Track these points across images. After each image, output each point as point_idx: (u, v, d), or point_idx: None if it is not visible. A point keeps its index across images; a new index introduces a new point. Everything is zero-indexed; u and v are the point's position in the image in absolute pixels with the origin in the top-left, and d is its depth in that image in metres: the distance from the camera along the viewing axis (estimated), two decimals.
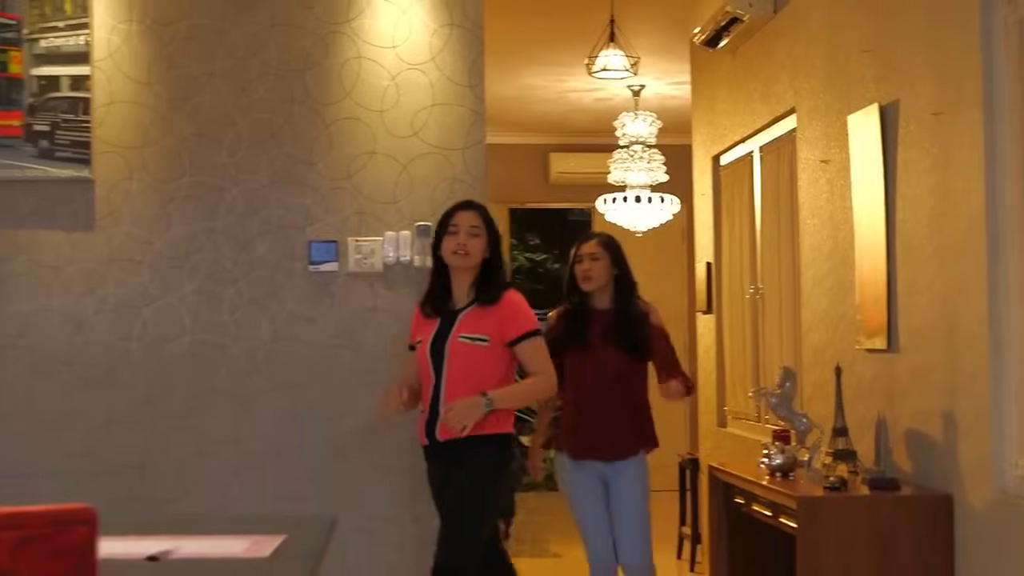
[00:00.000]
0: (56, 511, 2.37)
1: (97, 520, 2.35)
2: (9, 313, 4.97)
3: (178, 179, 5.04)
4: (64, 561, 2.33)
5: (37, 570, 2.30)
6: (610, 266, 4.92)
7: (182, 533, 3.17)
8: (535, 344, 4.38)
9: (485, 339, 4.30)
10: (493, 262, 4.39)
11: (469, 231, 4.35)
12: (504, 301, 4.34)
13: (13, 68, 4.93)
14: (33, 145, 4.94)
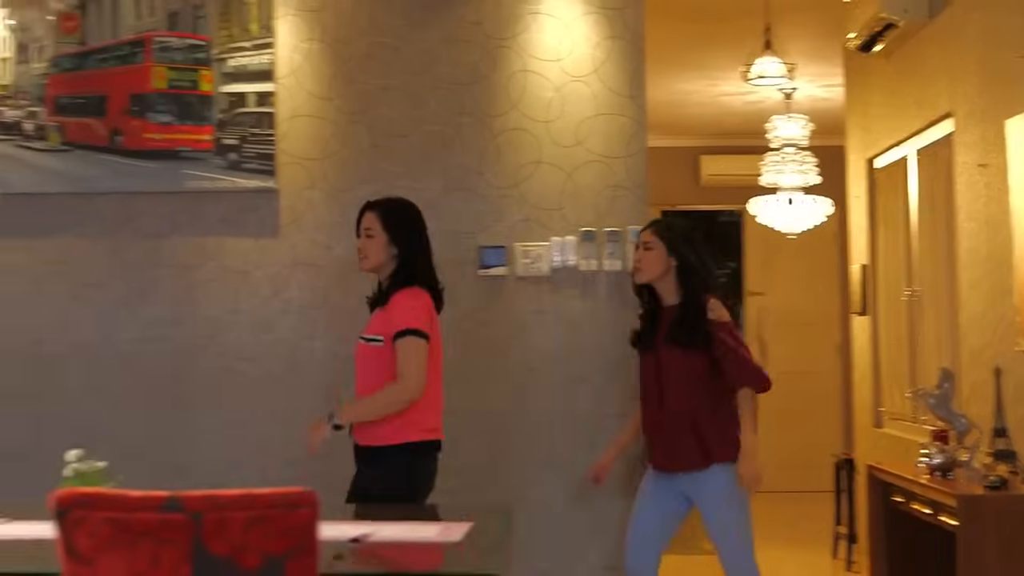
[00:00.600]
0: (282, 493, 2.63)
1: (317, 502, 2.61)
2: (201, 316, 5.32)
3: (356, 188, 5.33)
4: (289, 539, 2.59)
5: (266, 547, 2.57)
6: (666, 255, 4.52)
7: (375, 519, 3.42)
8: (406, 344, 4.12)
9: (379, 339, 4.23)
10: (403, 260, 4.27)
11: (365, 233, 4.32)
12: (393, 299, 4.22)
13: (204, 86, 5.27)
14: (222, 158, 5.27)
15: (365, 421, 4.15)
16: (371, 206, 4.35)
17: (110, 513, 2.58)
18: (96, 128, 5.28)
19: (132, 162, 5.27)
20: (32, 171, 5.29)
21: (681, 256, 4.51)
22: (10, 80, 5.29)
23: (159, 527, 2.56)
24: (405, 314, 4.17)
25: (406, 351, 4.12)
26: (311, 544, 2.61)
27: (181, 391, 5.30)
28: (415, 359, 4.11)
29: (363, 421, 4.15)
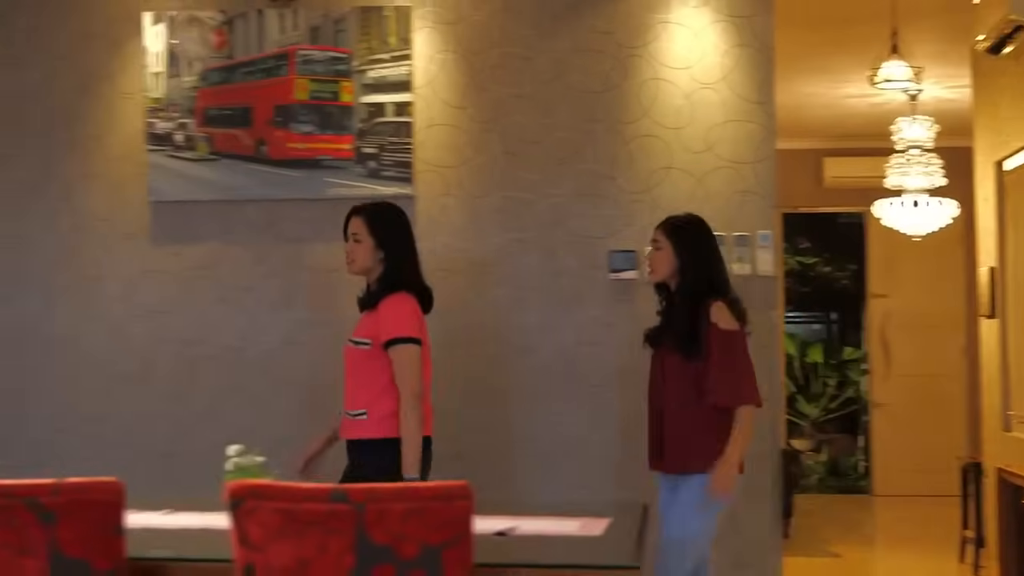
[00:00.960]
0: (439, 487, 2.79)
1: (473, 495, 2.76)
2: (340, 319, 5.49)
3: (490, 194, 5.49)
4: (446, 530, 2.74)
5: (424, 537, 2.73)
6: (673, 255, 4.48)
7: (516, 514, 3.55)
8: (400, 352, 4.25)
9: (367, 343, 4.32)
10: (390, 263, 4.37)
11: (352, 238, 4.41)
12: (382, 304, 4.31)
13: (344, 97, 5.47)
14: (362, 166, 5.47)
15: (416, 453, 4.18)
16: (357, 211, 4.45)
17: (280, 504, 2.76)
18: (242, 138, 5.51)
19: (276, 171, 5.49)
20: (182, 180, 5.54)
21: (687, 256, 4.47)
22: (162, 93, 5.55)
23: (325, 517, 2.73)
24: (395, 321, 4.28)
25: (401, 360, 4.25)
26: (467, 535, 2.77)
27: (321, 392, 5.50)
28: (410, 366, 4.24)
29: (416, 453, 4.17)
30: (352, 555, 2.74)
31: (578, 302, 5.46)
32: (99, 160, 5.62)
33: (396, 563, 2.73)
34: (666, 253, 4.49)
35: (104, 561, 2.83)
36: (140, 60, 5.56)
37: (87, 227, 5.61)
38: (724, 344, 4.35)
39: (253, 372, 5.54)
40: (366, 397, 4.32)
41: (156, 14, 5.55)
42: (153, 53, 5.54)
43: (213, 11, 5.53)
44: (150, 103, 5.55)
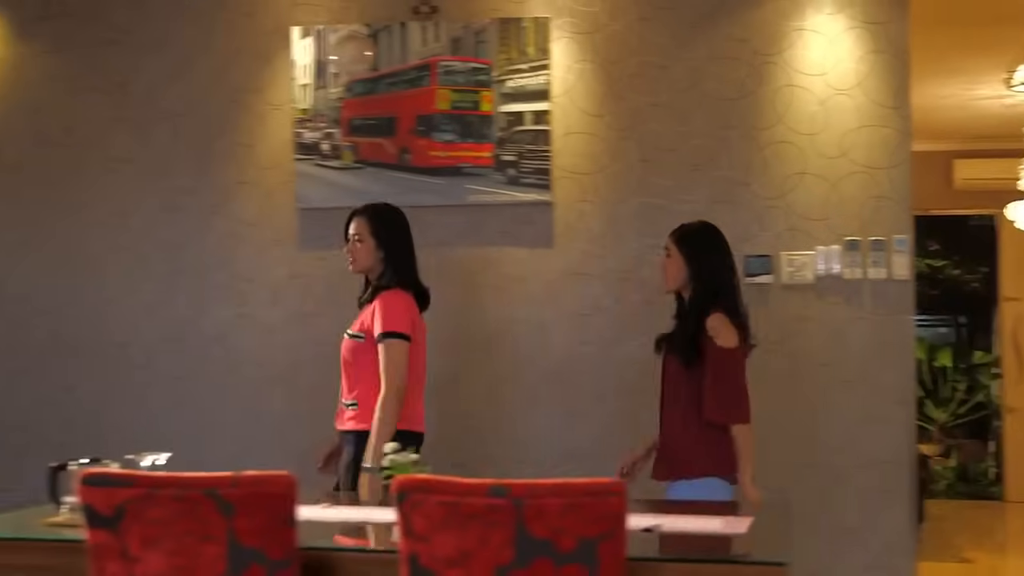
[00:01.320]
0: (596, 483, 2.92)
1: (626, 492, 2.89)
2: (482, 321, 5.69)
3: (626, 200, 5.61)
4: (602, 524, 2.87)
5: (581, 531, 2.86)
6: (683, 264, 4.51)
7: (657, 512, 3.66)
8: (389, 347, 4.42)
9: (361, 336, 4.54)
10: (389, 262, 4.58)
11: (354, 239, 4.63)
12: (378, 299, 4.53)
13: (484, 107, 5.63)
14: (502, 173, 5.62)
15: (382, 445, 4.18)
16: (359, 212, 4.67)
17: (443, 497, 2.91)
18: (386, 147, 5.71)
19: (419, 178, 5.67)
20: (328, 188, 5.75)
21: (696, 265, 4.49)
22: (309, 104, 5.77)
23: (486, 511, 2.88)
24: (389, 316, 4.46)
25: (388, 354, 4.43)
26: (621, 529, 2.89)
27: (466, 391, 5.67)
28: (396, 361, 4.42)
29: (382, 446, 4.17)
30: (512, 548, 2.88)
31: None
32: (250, 168, 5.86)
33: (554, 556, 2.86)
34: (676, 261, 4.54)
35: (277, 550, 3.01)
36: (288, 73, 5.79)
37: (239, 233, 5.85)
38: (720, 361, 4.38)
39: None
40: (358, 389, 4.54)
41: (304, 28, 5.77)
42: (301, 66, 5.76)
43: (359, 24, 5.73)
44: (298, 114, 5.77)
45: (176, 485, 3.03)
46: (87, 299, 6.00)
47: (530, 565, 2.87)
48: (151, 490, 3.02)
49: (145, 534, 3.01)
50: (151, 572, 3.02)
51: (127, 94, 5.97)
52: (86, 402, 5.95)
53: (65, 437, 5.81)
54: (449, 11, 5.69)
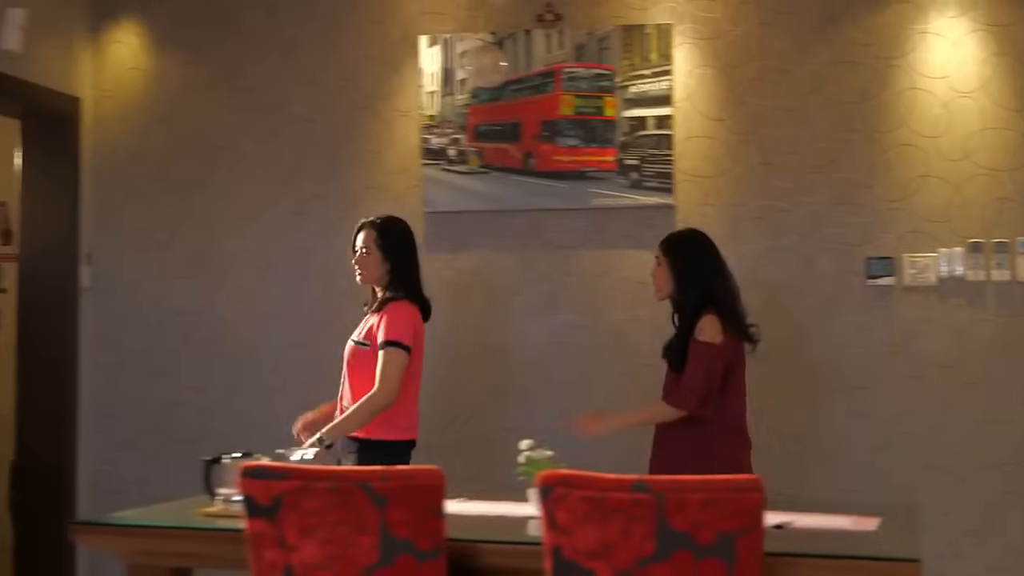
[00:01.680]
0: (734, 479, 3.02)
1: (764, 488, 2.98)
2: (605, 321, 5.79)
3: (747, 203, 5.68)
4: (740, 519, 2.97)
5: (720, 525, 2.96)
6: (670, 272, 4.63)
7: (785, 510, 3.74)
8: (389, 354, 4.55)
9: (366, 344, 4.65)
10: (395, 273, 4.71)
11: (362, 252, 4.74)
12: (386, 309, 4.65)
13: (608, 112, 5.74)
14: (624, 177, 5.73)
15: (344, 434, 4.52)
16: (367, 224, 4.79)
17: (587, 492, 3.03)
18: (511, 152, 5.84)
19: (543, 182, 5.80)
20: (454, 192, 5.90)
21: (684, 272, 4.60)
22: (437, 111, 5.92)
23: (629, 505, 2.99)
24: (393, 326, 4.59)
25: (387, 361, 4.55)
26: (758, 524, 2.99)
27: (587, 391, 5.79)
28: (393, 369, 4.54)
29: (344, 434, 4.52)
30: (653, 540, 2.99)
31: (835, 308, 5.60)
32: (378, 173, 6.03)
33: (694, 549, 2.97)
34: (664, 270, 4.66)
35: (427, 541, 3.15)
36: (416, 80, 5.95)
37: None
38: (696, 353, 4.49)
39: (521, 372, 5.86)
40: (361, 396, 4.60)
41: (431, 37, 5.93)
42: (428, 73, 5.92)
43: (484, 33, 5.87)
44: (425, 120, 5.93)
45: (331, 478, 3.19)
46: (218, 302, 6.20)
47: (670, 557, 2.98)
48: (308, 482, 3.18)
49: (302, 524, 3.17)
50: (307, 560, 3.18)
51: (259, 100, 6.18)
52: (217, 403, 6.16)
53: (197, 436, 6.01)
54: (573, 18, 5.81)
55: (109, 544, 3.63)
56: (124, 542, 3.61)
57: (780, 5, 5.68)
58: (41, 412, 6.20)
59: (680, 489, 2.99)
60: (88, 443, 6.29)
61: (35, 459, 6.22)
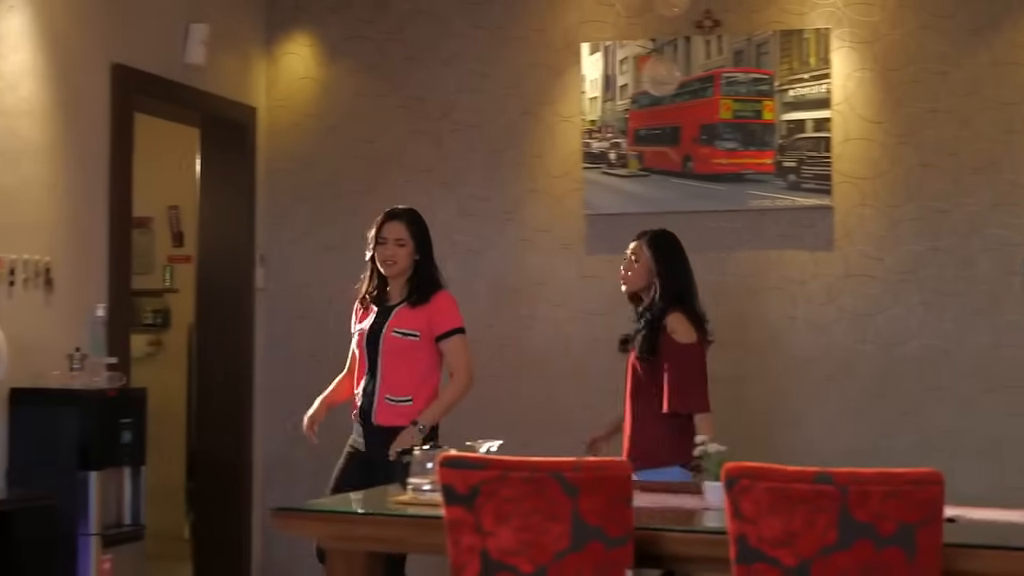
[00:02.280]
0: (914, 473, 3.14)
1: (943, 481, 3.10)
2: (762, 321, 5.92)
3: (905, 204, 5.75)
4: (921, 511, 3.09)
5: (901, 516, 3.08)
6: (650, 268, 4.78)
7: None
8: (458, 342, 4.78)
9: (416, 334, 4.75)
10: (422, 264, 4.79)
11: (395, 243, 4.78)
12: (434, 300, 4.77)
13: (766, 115, 5.86)
14: (782, 179, 5.84)
15: (439, 420, 4.79)
16: (397, 216, 4.85)
17: (771, 483, 3.18)
18: (671, 155, 6.00)
19: (702, 184, 5.94)
20: (615, 195, 6.08)
21: (663, 269, 4.76)
22: (597, 116, 6.11)
23: (813, 496, 3.13)
24: (451, 314, 4.80)
25: (458, 348, 4.81)
26: (938, 516, 3.11)
27: (749, 390, 5.91)
28: (467, 355, 4.83)
29: (439, 420, 4.78)
30: (835, 530, 3.12)
31: (995, 307, 5.65)
32: (541, 177, 6.24)
33: (875, 539, 3.10)
34: (644, 265, 4.79)
35: (616, 529, 3.32)
36: (578, 86, 6.14)
37: (531, 238, 6.23)
38: (680, 356, 4.65)
39: None
40: (411, 385, 4.77)
41: (593, 44, 6.12)
42: (590, 80, 6.11)
43: (644, 40, 6.04)
44: (587, 125, 6.12)
45: (526, 468, 3.38)
46: None
47: (852, 547, 3.11)
48: (504, 472, 3.37)
49: (498, 511, 3.37)
50: (502, 545, 3.38)
51: (425, 107, 6.42)
52: None
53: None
54: (732, 25, 5.94)
55: (308, 530, 3.87)
56: (323, 528, 3.84)
57: (939, 8, 5.74)
58: (219, 406, 6.53)
59: (862, 481, 3.12)
60: (263, 436, 6.60)
61: (212, 451, 6.55)
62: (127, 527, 5.01)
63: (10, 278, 4.95)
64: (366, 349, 4.84)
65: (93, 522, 4.79)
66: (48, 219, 5.17)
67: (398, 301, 4.85)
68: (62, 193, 5.25)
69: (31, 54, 5.09)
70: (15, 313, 4.91)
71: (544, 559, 3.35)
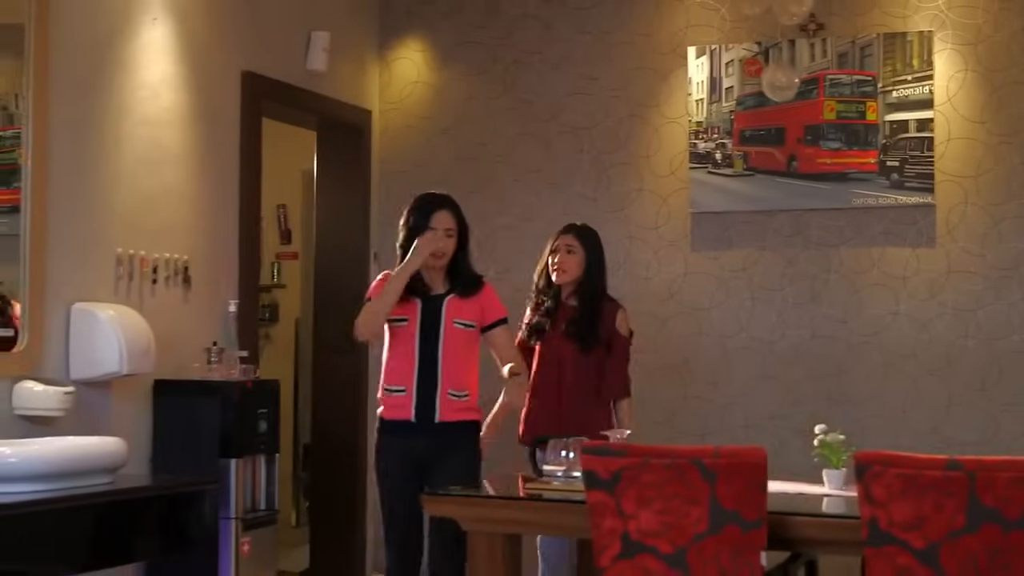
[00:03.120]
0: None
1: None
2: (865, 316, 6.08)
3: (1007, 202, 5.89)
4: None
5: None
6: (584, 259, 5.08)
7: None
8: (508, 330, 4.84)
9: (473, 325, 4.70)
10: (462, 253, 4.72)
11: (446, 233, 4.66)
12: (484, 291, 4.74)
13: (870, 116, 6.02)
14: (885, 178, 6.00)
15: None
16: (447, 204, 4.72)
17: (902, 470, 3.38)
18: (775, 155, 6.18)
19: (805, 183, 6.12)
20: (720, 194, 6.27)
21: (594, 260, 5.11)
22: (703, 117, 6.30)
23: (942, 482, 3.32)
24: (499, 303, 4.81)
25: (510, 337, 4.88)
26: None
27: (846, 383, 6.08)
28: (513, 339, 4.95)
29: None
30: (963, 514, 3.31)
31: None
32: (647, 177, 6.44)
33: (1002, 523, 3.29)
34: (579, 257, 5.10)
35: (752, 512, 3.53)
36: (684, 89, 6.34)
37: (638, 235, 6.44)
38: (624, 349, 5.12)
39: (782, 363, 6.18)
40: (469, 378, 4.72)
41: (699, 48, 6.31)
42: (696, 82, 6.30)
43: (750, 43, 6.22)
44: (693, 127, 6.31)
45: (667, 455, 3.60)
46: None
47: (979, 530, 3.30)
48: (645, 459, 3.60)
49: (639, 495, 3.59)
50: (643, 527, 3.60)
51: (534, 110, 6.65)
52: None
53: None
54: (836, 28, 6.11)
55: (453, 512, 4.13)
56: (466, 511, 4.10)
57: None
58: (332, 397, 6.80)
59: (989, 468, 3.30)
60: (374, 426, 6.84)
61: (327, 441, 6.82)
62: (262, 512, 5.27)
63: (153, 276, 5.22)
64: (421, 341, 4.65)
65: (233, 506, 5.05)
66: (185, 221, 5.45)
67: (444, 291, 4.73)
68: (198, 196, 5.53)
69: (172, 65, 5.37)
70: (158, 309, 5.19)
71: (683, 541, 3.57)
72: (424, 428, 4.65)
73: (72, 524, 3.99)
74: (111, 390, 4.99)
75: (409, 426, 4.67)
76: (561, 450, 4.26)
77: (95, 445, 4.29)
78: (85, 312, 4.80)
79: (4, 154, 4.72)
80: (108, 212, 5.03)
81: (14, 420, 4.50)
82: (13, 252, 4.60)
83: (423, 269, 4.67)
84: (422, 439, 4.65)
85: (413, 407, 4.65)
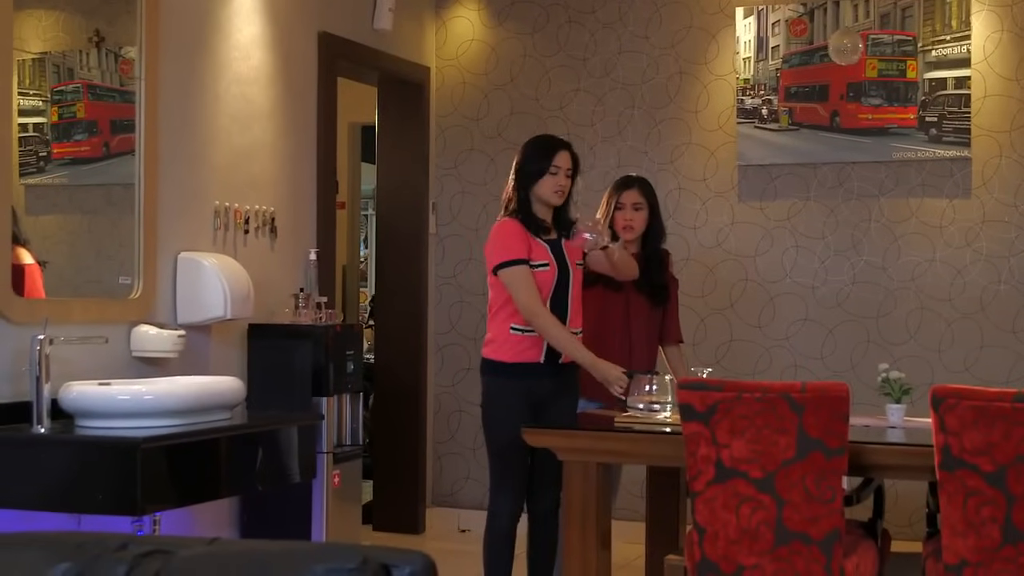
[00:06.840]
0: None
1: None
2: (903, 263, 6.46)
3: None
4: None
5: None
6: (648, 214, 5.12)
7: None
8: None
9: (582, 264, 4.79)
10: (569, 200, 4.75)
11: (565, 173, 4.68)
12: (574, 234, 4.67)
13: (909, 74, 6.38)
14: (924, 133, 6.37)
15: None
16: (566, 146, 4.75)
17: (974, 402, 3.76)
18: (819, 111, 6.53)
19: (848, 138, 6.48)
20: (765, 147, 6.62)
21: (655, 215, 5.15)
22: (750, 75, 6.65)
23: (1011, 412, 3.71)
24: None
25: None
26: None
27: (884, 325, 6.48)
28: None
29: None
30: None
31: None
32: (696, 131, 6.79)
33: None
34: (645, 212, 5.14)
35: (834, 441, 3.92)
36: (732, 47, 6.68)
37: (687, 187, 6.80)
38: (677, 296, 5.29)
39: (824, 308, 6.57)
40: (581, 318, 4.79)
41: (747, 8, 6.65)
42: (744, 41, 6.64)
43: (795, 4, 6.56)
44: (740, 83, 6.66)
45: (759, 390, 3.98)
46: None
47: None
48: (739, 393, 3.98)
49: (732, 427, 3.98)
50: (735, 455, 3.99)
51: (587, 67, 6.98)
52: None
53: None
54: None
55: (551, 442, 4.51)
56: (563, 441, 4.49)
57: None
58: (396, 342, 7.18)
59: None
60: (434, 369, 7.25)
61: (390, 384, 7.20)
62: (348, 447, 5.65)
63: (245, 227, 5.58)
64: (558, 285, 4.69)
65: (325, 441, 5.42)
66: (272, 175, 5.80)
67: (556, 235, 4.76)
68: (281, 151, 5.87)
69: (259, 27, 5.69)
70: (250, 257, 5.54)
71: (772, 466, 3.95)
72: (549, 370, 4.71)
73: (203, 456, 4.37)
74: (211, 334, 5.35)
75: (536, 368, 4.69)
76: (645, 385, 4.63)
77: (218, 383, 4.65)
78: (191, 261, 5.16)
79: (65, 107, 5.03)
80: (207, 167, 5.37)
81: (131, 362, 4.87)
82: (68, 204, 4.95)
83: (541, 209, 4.72)
84: (546, 381, 4.71)
85: (544, 348, 4.69)
